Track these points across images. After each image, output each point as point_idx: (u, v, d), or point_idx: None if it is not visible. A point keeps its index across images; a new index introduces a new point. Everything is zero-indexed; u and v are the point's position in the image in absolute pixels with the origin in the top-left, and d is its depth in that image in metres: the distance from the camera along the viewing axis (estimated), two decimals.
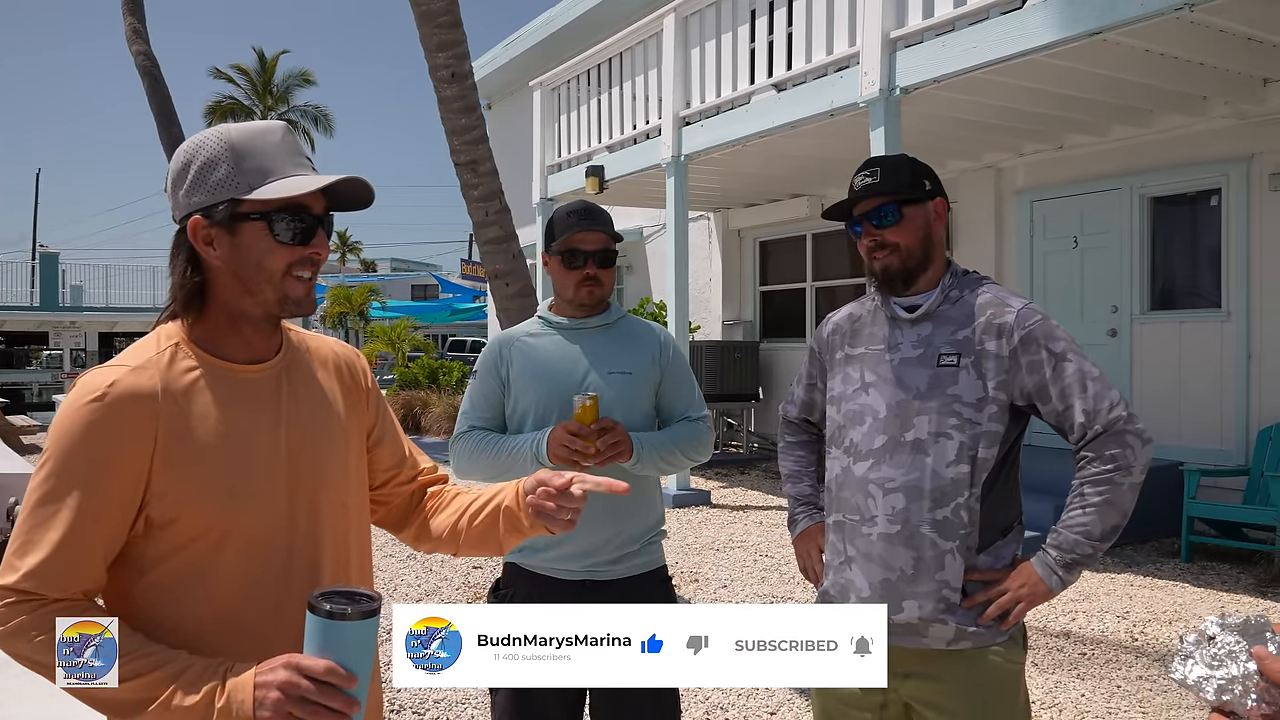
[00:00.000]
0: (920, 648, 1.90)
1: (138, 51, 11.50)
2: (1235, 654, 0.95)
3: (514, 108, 14.43)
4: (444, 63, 5.96)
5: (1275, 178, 6.57)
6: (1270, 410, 6.47)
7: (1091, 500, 1.84)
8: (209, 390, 1.31)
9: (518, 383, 2.35)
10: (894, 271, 1.98)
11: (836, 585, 2.00)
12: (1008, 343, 1.89)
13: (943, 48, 5.75)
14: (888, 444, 1.93)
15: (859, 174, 2.03)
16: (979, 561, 1.90)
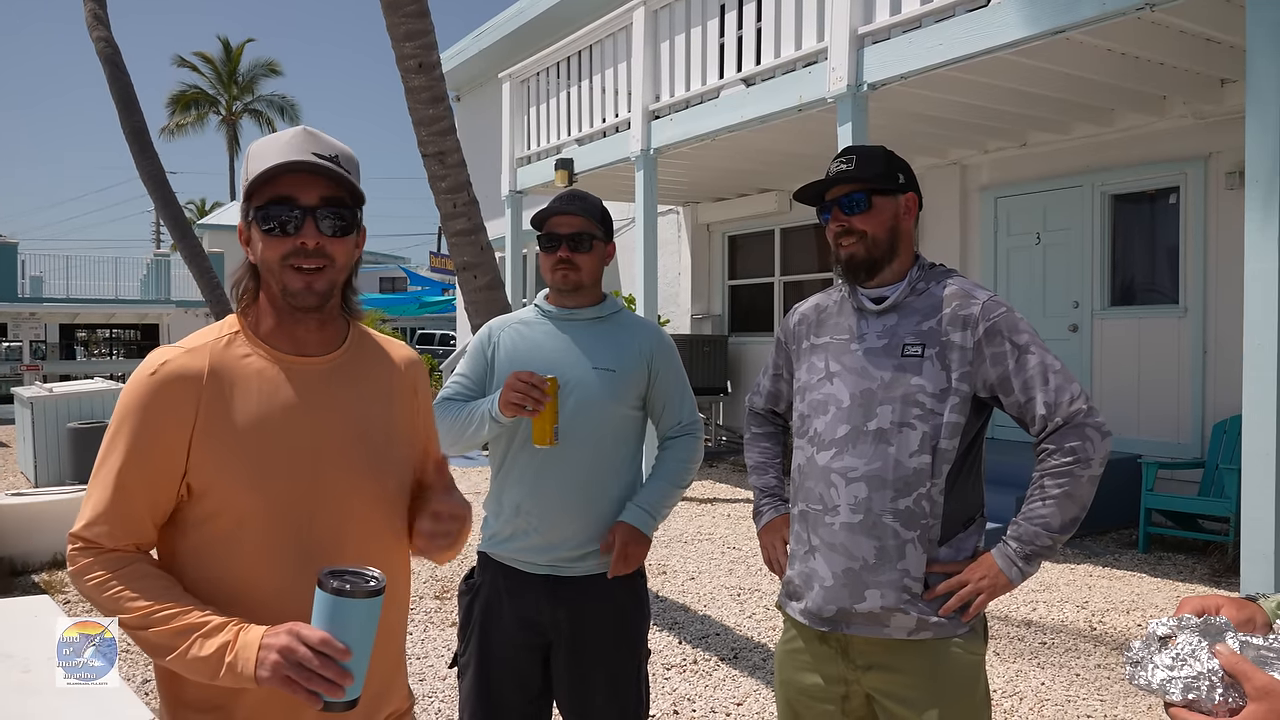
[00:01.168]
0: (882, 637, 1.91)
1: (99, 38, 11.29)
2: (1197, 653, 0.97)
3: (483, 100, 14.36)
4: (411, 52, 5.92)
5: (1232, 176, 6.69)
6: (1225, 404, 6.61)
7: (1051, 492, 1.86)
8: (254, 377, 1.42)
9: (501, 367, 2.34)
10: (859, 260, 1.99)
11: (801, 575, 2.02)
12: (972, 334, 1.91)
13: (909, 44, 5.80)
14: (850, 434, 1.94)
15: (835, 160, 2.03)
16: (940, 554, 1.91)
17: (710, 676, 4.16)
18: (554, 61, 9.68)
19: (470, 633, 2.34)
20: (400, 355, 1.62)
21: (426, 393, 1.67)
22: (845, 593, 1.92)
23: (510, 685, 2.29)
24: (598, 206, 2.35)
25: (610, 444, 2.28)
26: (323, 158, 1.40)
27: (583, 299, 2.35)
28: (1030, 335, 1.92)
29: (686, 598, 5.38)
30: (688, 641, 4.61)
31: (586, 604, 2.25)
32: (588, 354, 2.28)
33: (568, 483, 2.24)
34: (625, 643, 2.29)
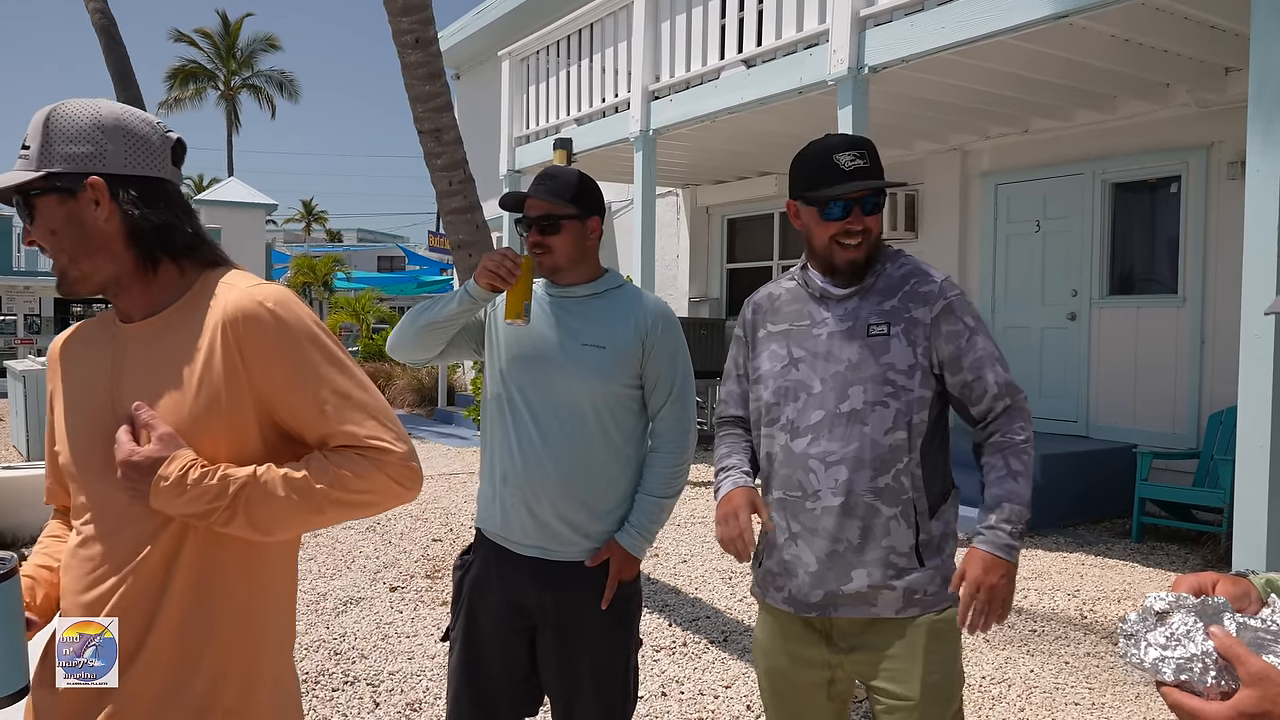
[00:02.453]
0: (870, 616, 1.93)
1: (94, 9, 11.19)
2: (1192, 633, 0.95)
3: (483, 78, 14.26)
4: (408, 27, 5.86)
5: (1234, 166, 6.66)
6: (1222, 395, 6.59)
7: (1017, 469, 1.91)
8: (84, 347, 1.48)
9: (494, 333, 2.33)
10: (859, 264, 1.98)
11: (780, 563, 2.01)
12: (930, 310, 1.95)
13: (911, 27, 5.75)
14: (825, 418, 1.95)
15: (844, 153, 1.95)
16: (932, 527, 1.94)
17: (700, 659, 4.16)
18: (554, 40, 9.61)
19: (460, 609, 2.34)
20: (230, 308, 1.36)
21: (276, 354, 1.36)
22: (831, 575, 1.94)
23: (496, 665, 2.28)
24: (570, 184, 2.27)
25: (598, 421, 2.22)
26: (24, 147, 1.36)
27: (571, 277, 2.30)
28: (978, 320, 1.99)
29: (678, 580, 5.38)
30: (678, 624, 4.61)
31: (575, 591, 2.22)
32: (576, 331, 2.25)
33: (553, 458, 2.20)
34: (614, 634, 2.26)
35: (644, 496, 2.26)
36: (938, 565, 1.95)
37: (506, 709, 2.31)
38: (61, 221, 1.35)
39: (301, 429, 1.40)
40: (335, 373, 1.39)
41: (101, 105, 1.38)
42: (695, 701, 3.72)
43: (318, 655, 4.17)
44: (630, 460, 2.28)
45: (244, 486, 1.32)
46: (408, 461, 1.39)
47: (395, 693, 3.80)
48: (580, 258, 2.29)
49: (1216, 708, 0.93)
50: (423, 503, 7.48)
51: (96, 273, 1.38)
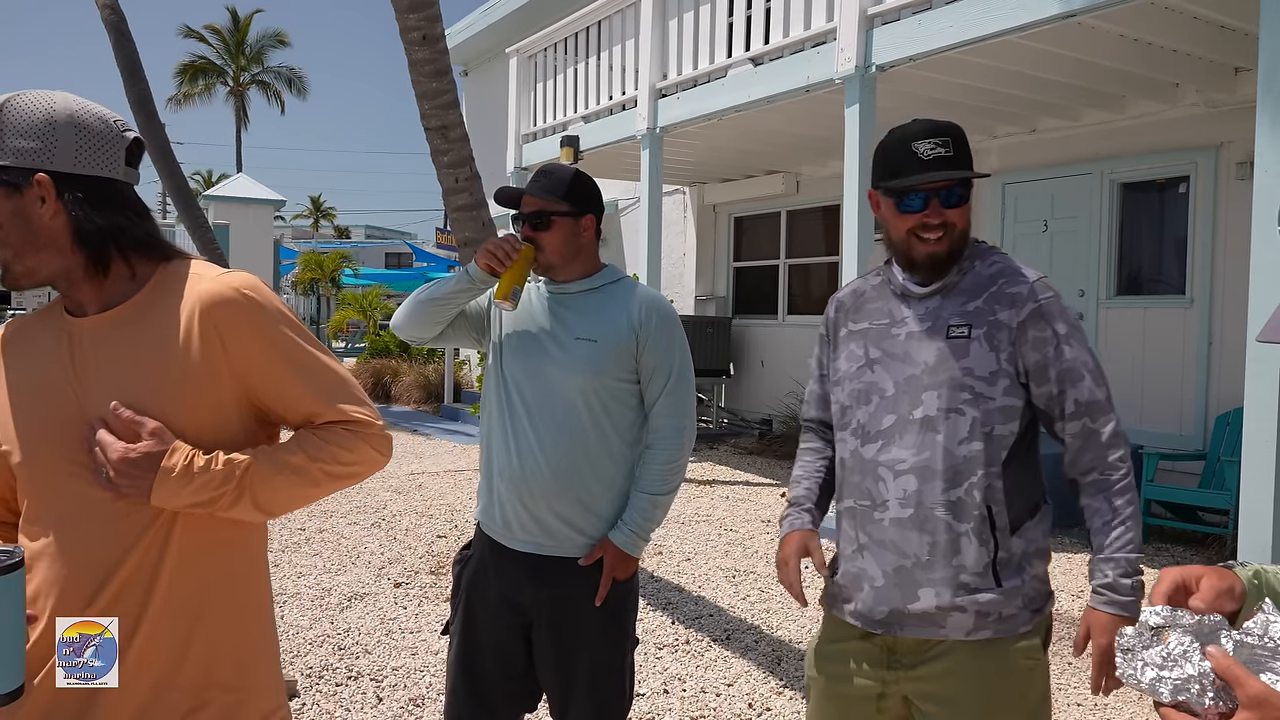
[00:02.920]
0: (939, 638, 1.79)
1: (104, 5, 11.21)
2: (1189, 654, 0.95)
3: (491, 75, 14.28)
4: (415, 24, 5.87)
5: (1243, 167, 6.62)
6: (1229, 396, 6.57)
7: (1125, 514, 1.78)
8: (29, 341, 1.41)
9: (494, 327, 2.35)
10: (940, 258, 1.84)
11: (848, 575, 1.89)
12: (1018, 313, 1.80)
13: (919, 25, 5.74)
14: (897, 423, 1.83)
15: (924, 140, 1.82)
16: (1012, 545, 1.79)
17: (702, 657, 4.16)
18: (561, 37, 9.61)
19: (459, 604, 2.35)
20: (205, 296, 1.38)
21: (254, 338, 1.39)
22: (897, 592, 1.80)
23: (493, 660, 2.29)
24: (563, 181, 2.28)
25: (592, 416, 2.21)
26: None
27: (565, 274, 2.31)
28: (1071, 325, 1.81)
29: (681, 578, 5.38)
30: (680, 622, 4.61)
31: (570, 588, 2.22)
32: (570, 325, 2.25)
33: (546, 452, 2.20)
34: (609, 632, 2.25)
35: (638, 494, 2.24)
36: (1017, 586, 1.78)
37: (504, 704, 2.32)
38: (8, 215, 1.32)
39: (284, 409, 1.44)
40: (314, 353, 1.45)
41: (56, 100, 1.35)
42: (697, 699, 3.72)
43: (322, 650, 4.19)
44: (626, 455, 2.27)
45: (247, 469, 1.35)
46: (384, 431, 1.48)
47: (398, 688, 3.81)
48: (573, 255, 2.29)
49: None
50: (428, 499, 7.50)
51: (43, 267, 1.36)
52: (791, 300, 10.94)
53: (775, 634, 4.48)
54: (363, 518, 6.80)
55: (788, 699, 3.73)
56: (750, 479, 8.53)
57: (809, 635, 4.44)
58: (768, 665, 4.08)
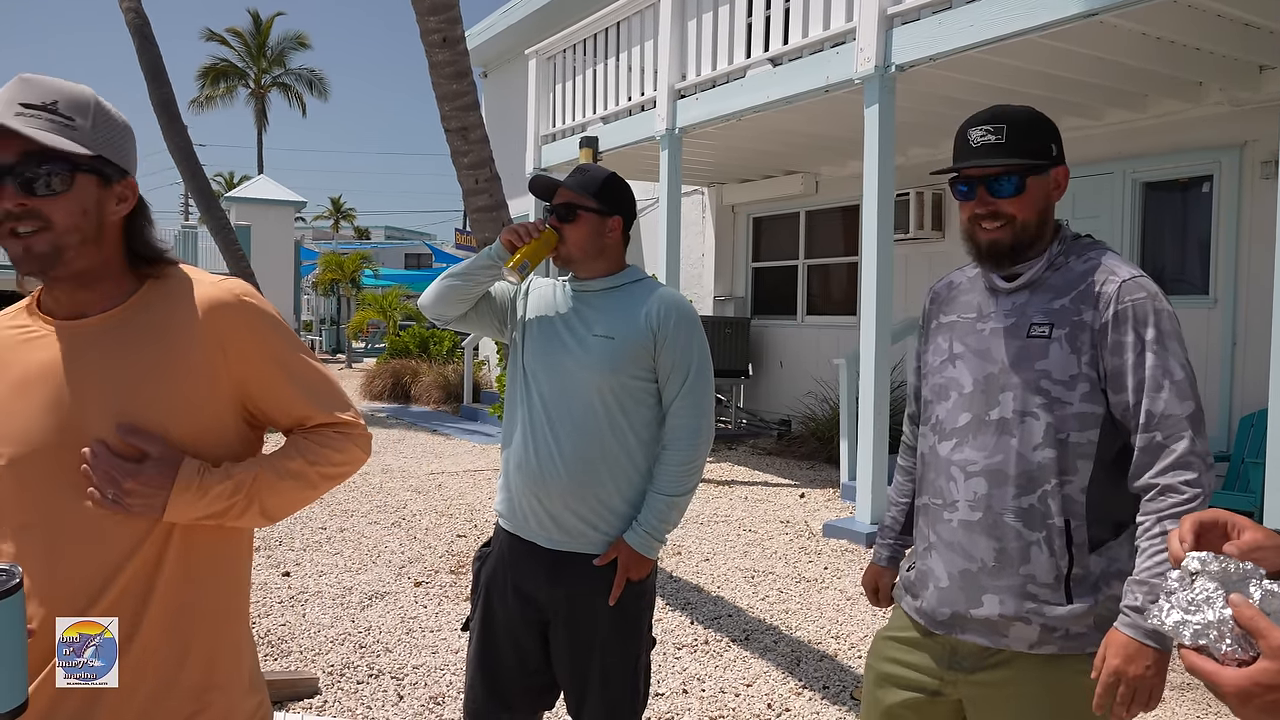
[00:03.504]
0: (1000, 648, 1.74)
1: (128, 8, 11.33)
2: (1212, 600, 0.95)
3: (510, 76, 14.33)
4: (435, 27, 5.91)
5: (1267, 166, 6.56)
6: (1253, 398, 6.51)
7: None
8: (17, 348, 1.36)
9: (525, 313, 2.37)
10: (1002, 247, 1.78)
11: (919, 573, 1.87)
12: (1102, 314, 1.71)
13: (939, 25, 5.72)
14: (972, 422, 1.79)
15: (978, 127, 1.78)
16: (1091, 562, 1.71)
17: (721, 657, 4.17)
18: (580, 39, 9.64)
19: (478, 600, 2.37)
20: (205, 301, 1.39)
21: (235, 341, 1.40)
22: (961, 596, 1.77)
23: (511, 657, 2.31)
24: (597, 180, 2.31)
25: (608, 413, 2.22)
26: (33, 107, 1.27)
27: (586, 271, 2.33)
28: (1162, 332, 1.69)
29: (700, 579, 5.39)
30: (699, 622, 4.62)
31: (586, 587, 2.23)
32: (590, 322, 2.27)
33: (562, 448, 2.22)
34: (623, 632, 2.25)
35: (654, 495, 2.24)
36: (1090, 605, 1.70)
37: (521, 700, 2.34)
38: (91, 204, 1.33)
39: (278, 412, 1.47)
40: (306, 359, 1.49)
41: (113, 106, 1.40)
42: (716, 699, 3.73)
43: (343, 648, 4.22)
44: (643, 454, 2.27)
45: (255, 479, 1.38)
46: (366, 430, 1.53)
47: (419, 686, 3.84)
48: (596, 252, 2.31)
49: (1232, 674, 0.92)
50: (448, 499, 7.54)
51: (82, 260, 1.35)
52: (810, 301, 10.92)
53: (794, 634, 4.47)
54: (383, 517, 6.84)
55: (807, 699, 3.73)
56: (769, 479, 8.52)
57: (828, 636, 4.44)
58: (787, 666, 4.08)
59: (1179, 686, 3.92)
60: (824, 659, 4.15)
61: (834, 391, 9.02)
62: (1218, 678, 0.93)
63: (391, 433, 11.43)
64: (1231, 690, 0.92)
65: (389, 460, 9.25)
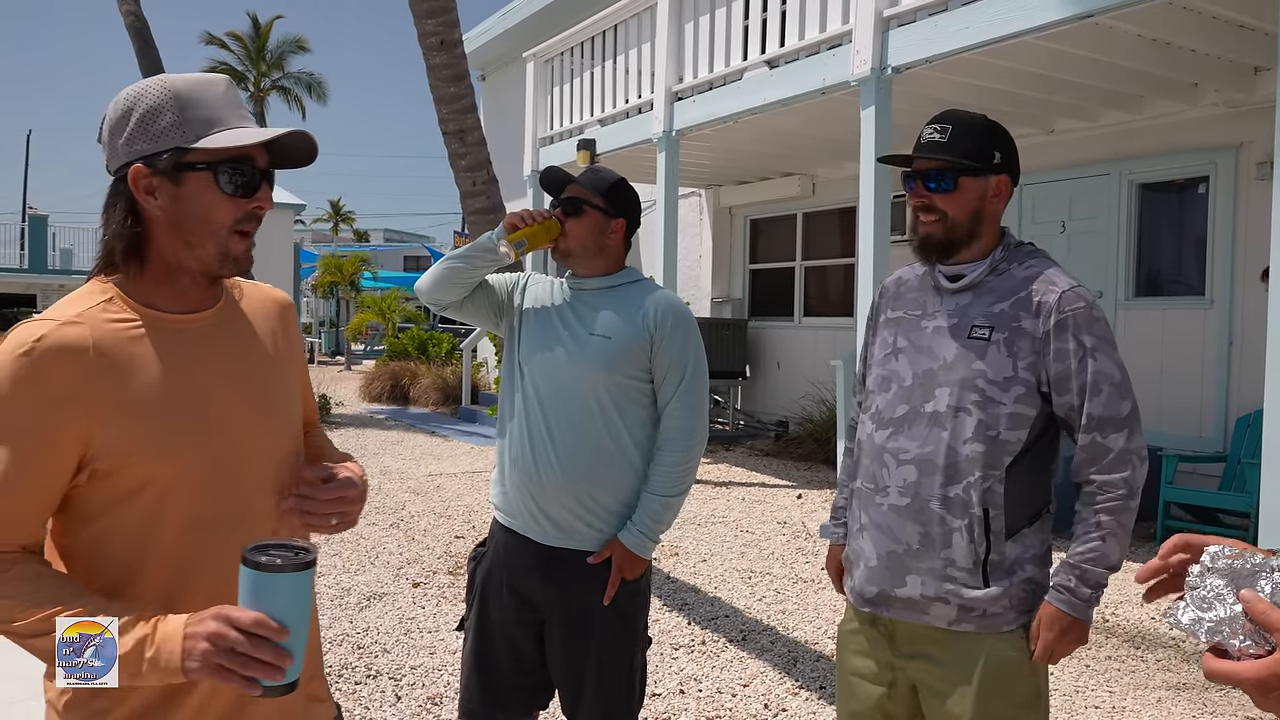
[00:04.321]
0: (922, 623, 1.87)
1: (127, 11, 11.36)
2: (1223, 596, 0.97)
3: (508, 79, 14.34)
4: (433, 30, 5.93)
5: (1263, 167, 6.57)
6: (1250, 398, 6.52)
7: (1108, 528, 1.79)
8: (144, 343, 1.29)
9: (522, 307, 2.39)
10: (935, 241, 1.90)
11: (853, 550, 1.99)
12: (1044, 323, 1.81)
13: (935, 27, 5.73)
14: (908, 414, 1.89)
15: (929, 125, 1.90)
16: (1006, 549, 1.83)
17: (718, 658, 4.17)
18: (578, 41, 9.65)
19: (473, 600, 2.39)
20: (273, 298, 1.53)
21: (298, 338, 1.55)
22: (887, 575, 1.88)
23: (505, 656, 2.32)
24: (607, 180, 2.33)
25: (603, 412, 2.24)
26: (250, 115, 1.37)
27: (585, 268, 2.35)
28: (1100, 339, 1.82)
29: (697, 579, 5.40)
30: (696, 623, 4.63)
31: (581, 587, 2.24)
32: (587, 321, 2.29)
33: (556, 445, 2.23)
34: (619, 632, 2.27)
35: (648, 495, 2.26)
36: (1005, 588, 1.83)
37: (516, 699, 2.35)
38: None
39: (307, 408, 1.60)
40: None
41: None
42: (713, 699, 3.74)
43: (341, 649, 4.23)
44: (638, 454, 2.28)
45: (362, 476, 1.47)
46: None
47: (417, 686, 3.85)
48: (596, 250, 2.33)
49: (1250, 667, 0.93)
50: (445, 500, 7.55)
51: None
52: (808, 302, 10.94)
53: (791, 635, 4.48)
54: (381, 518, 6.85)
55: (804, 700, 3.74)
56: (766, 480, 8.53)
57: (825, 637, 4.45)
58: (784, 666, 4.09)
59: (1175, 687, 3.93)
60: (821, 659, 4.16)
61: (831, 393, 9.03)
62: (1236, 674, 0.94)
63: (390, 434, 11.43)
64: (1252, 682, 0.93)
65: (388, 462, 9.25)
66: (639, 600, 2.31)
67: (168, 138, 1.28)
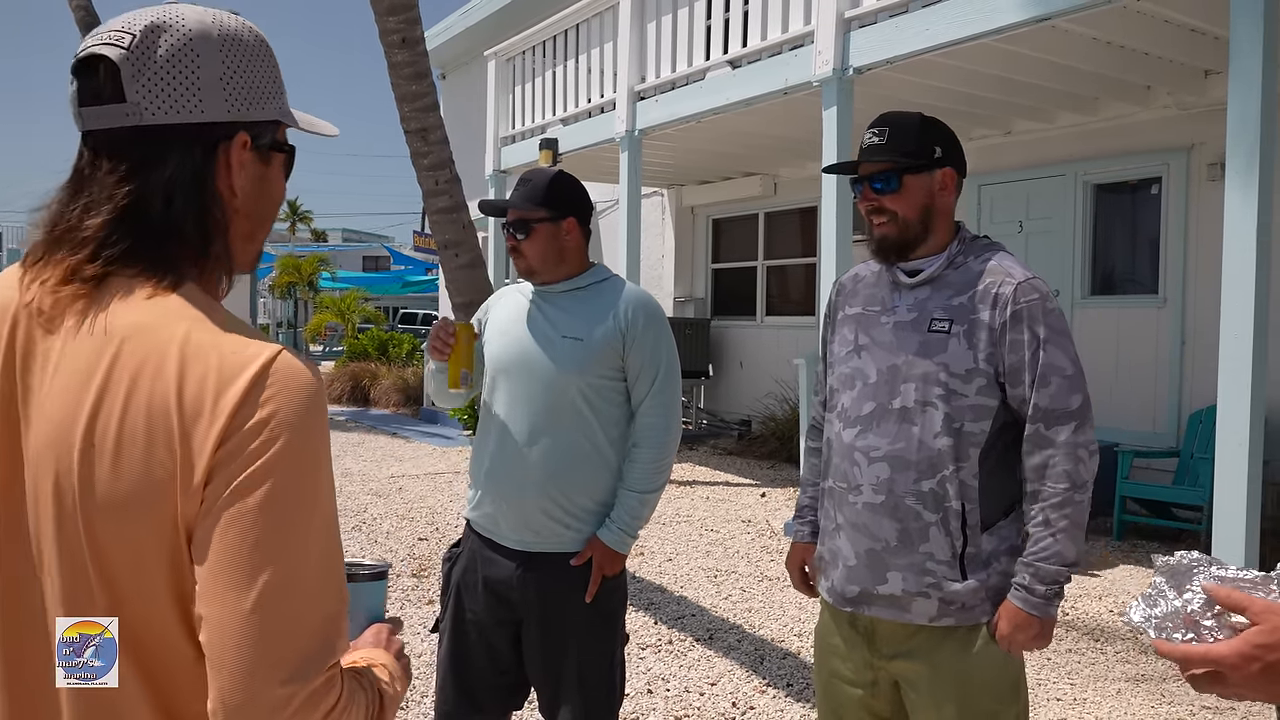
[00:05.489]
0: (903, 622, 1.87)
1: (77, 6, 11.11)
2: (1164, 593, 1.03)
3: (469, 78, 14.25)
4: (394, 27, 5.87)
5: (1213, 168, 6.72)
6: (1201, 394, 6.66)
7: (1057, 526, 1.79)
8: None
9: (488, 333, 2.39)
10: (890, 241, 1.92)
11: (829, 551, 1.99)
12: (1000, 314, 1.83)
13: (896, 29, 5.79)
14: (876, 411, 1.90)
15: (869, 130, 1.93)
16: (983, 541, 1.84)
17: (685, 656, 4.18)
18: (540, 40, 9.61)
19: (448, 601, 2.37)
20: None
21: None
22: (868, 574, 1.88)
23: (481, 657, 2.31)
24: (540, 188, 2.30)
25: (578, 414, 2.23)
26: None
27: (550, 276, 2.34)
28: (1054, 331, 1.82)
29: (663, 579, 5.40)
30: (663, 622, 4.63)
31: (560, 586, 2.23)
32: (558, 324, 2.28)
33: (533, 450, 2.23)
34: (599, 629, 2.27)
35: (626, 492, 2.26)
36: (982, 580, 1.84)
37: (492, 699, 2.33)
38: None
39: None
40: None
41: None
42: (681, 699, 3.74)
43: None
44: (613, 453, 2.28)
45: None
46: None
47: None
48: (557, 259, 2.31)
49: (1224, 645, 0.97)
50: (408, 502, 7.48)
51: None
52: (770, 301, 10.99)
53: (758, 633, 4.50)
54: (343, 521, 6.75)
55: (771, 697, 3.75)
56: (730, 479, 8.56)
57: (791, 634, 4.47)
58: (750, 664, 4.10)
59: (1133, 678, 4.00)
60: (787, 657, 4.18)
61: (793, 391, 9.08)
62: (1210, 654, 0.97)
63: (351, 436, 11.31)
64: (1230, 659, 0.95)
65: (349, 464, 9.14)
66: (618, 596, 2.32)
67: (274, 104, 1.03)
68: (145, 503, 0.88)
